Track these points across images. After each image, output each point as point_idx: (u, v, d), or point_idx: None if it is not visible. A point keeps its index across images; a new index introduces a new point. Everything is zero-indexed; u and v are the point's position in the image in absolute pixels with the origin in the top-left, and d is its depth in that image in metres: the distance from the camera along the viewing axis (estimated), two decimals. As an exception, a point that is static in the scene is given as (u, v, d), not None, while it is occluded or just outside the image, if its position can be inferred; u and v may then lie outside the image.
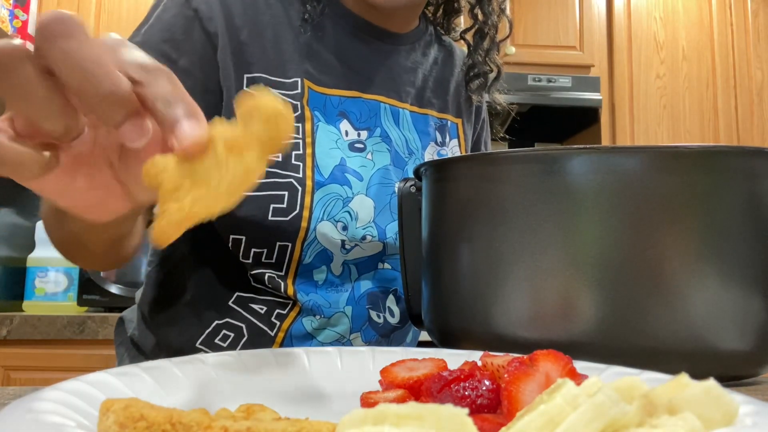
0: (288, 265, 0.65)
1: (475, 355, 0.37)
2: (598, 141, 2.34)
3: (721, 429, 0.21)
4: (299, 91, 0.66)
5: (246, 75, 0.65)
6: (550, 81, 2.29)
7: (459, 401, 0.29)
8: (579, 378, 0.28)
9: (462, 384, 0.30)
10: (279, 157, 0.64)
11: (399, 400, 0.32)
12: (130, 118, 0.29)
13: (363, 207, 0.67)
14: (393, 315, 0.72)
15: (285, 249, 0.64)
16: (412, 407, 0.19)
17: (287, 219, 0.63)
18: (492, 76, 0.83)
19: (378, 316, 0.71)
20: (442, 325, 0.53)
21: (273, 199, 0.63)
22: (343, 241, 0.66)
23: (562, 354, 0.29)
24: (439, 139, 0.78)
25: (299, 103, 0.66)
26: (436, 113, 0.79)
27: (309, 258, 0.65)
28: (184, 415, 0.22)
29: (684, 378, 0.23)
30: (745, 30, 2.41)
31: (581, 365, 0.33)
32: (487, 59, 0.82)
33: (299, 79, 0.67)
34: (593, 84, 2.32)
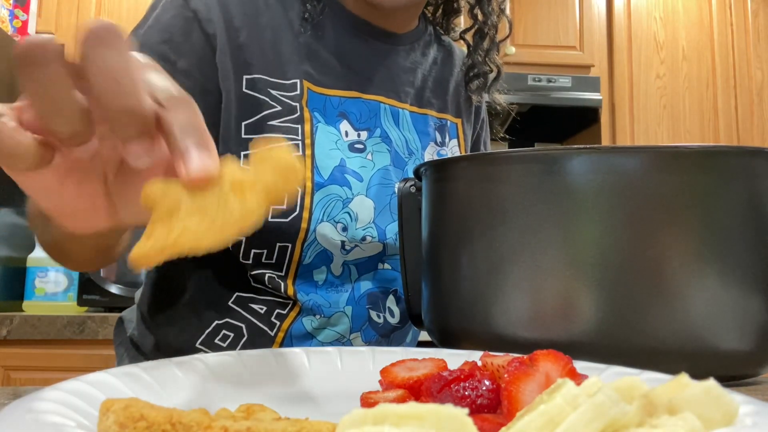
0: (288, 266, 0.65)
1: (475, 355, 0.37)
2: (598, 141, 2.34)
3: (721, 429, 0.21)
4: (298, 92, 0.66)
5: (245, 76, 0.65)
6: (550, 81, 2.29)
7: (459, 401, 0.29)
8: (579, 378, 0.28)
9: (462, 384, 0.30)
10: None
11: (399, 400, 0.32)
12: (141, 136, 0.29)
13: (363, 208, 0.67)
14: (393, 315, 0.72)
15: (285, 250, 0.64)
16: (412, 407, 0.19)
17: (287, 220, 0.63)
18: (492, 76, 0.83)
19: (378, 316, 0.71)
20: (442, 325, 0.53)
21: None
22: (343, 242, 0.66)
23: (562, 354, 0.29)
24: (439, 139, 0.78)
25: (298, 104, 0.66)
26: (435, 113, 0.79)
27: (309, 258, 0.65)
28: (184, 415, 0.22)
29: (684, 378, 0.23)
30: (745, 30, 2.42)
31: (581, 365, 0.33)
32: (487, 59, 0.82)
33: (298, 80, 0.67)
34: (593, 84, 2.33)
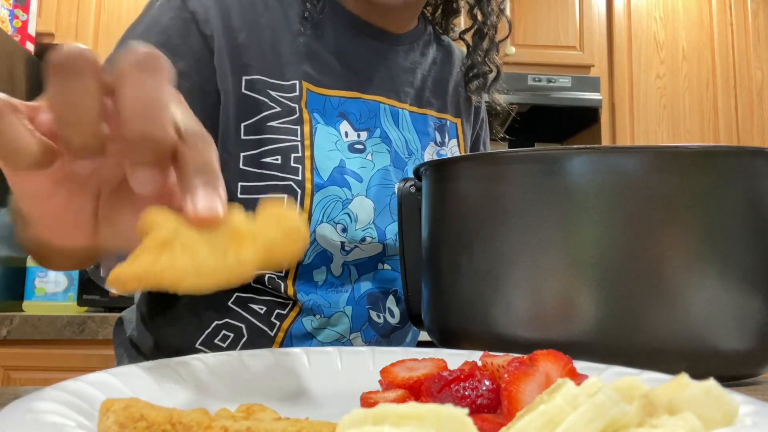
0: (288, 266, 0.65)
1: (475, 355, 0.37)
2: (598, 141, 2.34)
3: (721, 429, 0.21)
4: (297, 94, 0.66)
5: (244, 77, 0.65)
6: (550, 81, 2.29)
7: (459, 401, 0.29)
8: (579, 378, 0.28)
9: (462, 384, 0.30)
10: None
11: (399, 400, 0.31)
12: (153, 165, 0.29)
13: (362, 208, 0.67)
14: (393, 315, 0.72)
15: (285, 249, 0.64)
16: (412, 407, 0.19)
17: None
18: (491, 76, 0.83)
19: (378, 316, 0.71)
20: (442, 325, 0.53)
21: None
22: (343, 243, 0.66)
23: (562, 354, 0.29)
24: (439, 139, 0.78)
25: (297, 106, 0.66)
26: (435, 113, 0.79)
27: (309, 259, 0.65)
28: (184, 415, 0.22)
29: (684, 378, 0.23)
30: (745, 30, 2.42)
31: (581, 365, 0.33)
32: (487, 59, 0.82)
33: (297, 82, 0.67)
34: (593, 84, 2.33)
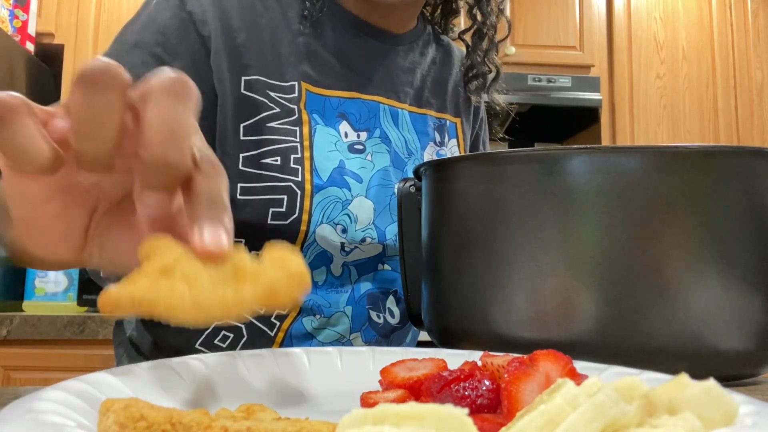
0: (288, 266, 0.65)
1: (475, 355, 0.37)
2: (598, 141, 2.34)
3: (721, 429, 0.21)
4: (296, 95, 0.66)
5: (244, 78, 0.65)
6: (550, 81, 2.29)
7: (459, 401, 0.29)
8: (579, 378, 0.28)
9: (462, 384, 0.30)
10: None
11: (399, 400, 0.31)
12: (164, 190, 0.29)
13: (362, 209, 0.67)
14: (393, 315, 0.72)
15: (285, 250, 0.64)
16: (412, 407, 0.19)
17: (286, 223, 0.63)
18: (491, 76, 0.83)
19: (378, 316, 0.71)
20: (441, 325, 0.53)
21: (272, 203, 0.63)
22: (343, 244, 0.66)
23: (562, 354, 0.29)
24: (438, 139, 0.78)
25: (296, 107, 0.66)
26: (434, 113, 0.79)
27: (308, 259, 0.65)
28: (184, 415, 0.22)
29: (684, 378, 0.23)
30: (745, 30, 2.42)
31: (581, 365, 0.33)
32: (486, 60, 0.82)
33: (296, 83, 0.67)
34: (593, 84, 2.33)
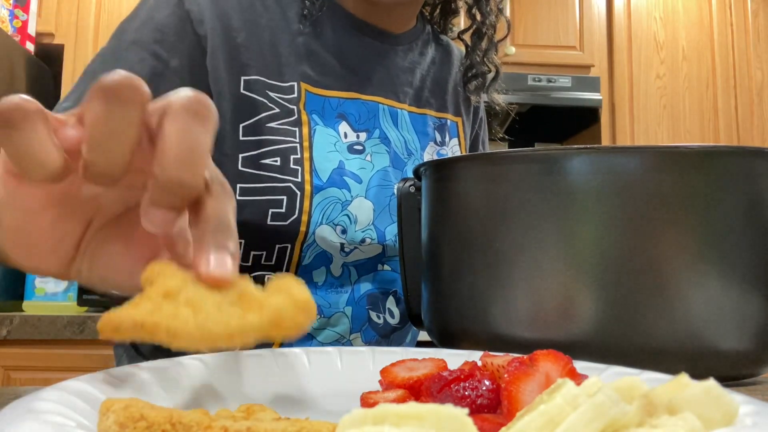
0: (287, 267, 0.65)
1: (475, 355, 0.36)
2: (598, 141, 2.34)
3: (721, 429, 0.21)
4: (295, 95, 0.66)
5: (243, 77, 0.65)
6: (550, 81, 2.29)
7: (459, 401, 0.29)
8: (579, 378, 0.28)
9: (462, 384, 0.30)
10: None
11: (399, 400, 0.31)
12: (173, 209, 0.28)
13: (362, 210, 0.67)
14: (393, 316, 0.72)
15: (284, 250, 0.64)
16: (412, 407, 0.19)
17: (286, 223, 0.63)
18: (490, 76, 0.83)
19: (378, 316, 0.71)
20: (441, 325, 0.53)
21: (272, 204, 0.63)
22: (342, 244, 0.66)
23: (562, 354, 0.29)
24: (439, 139, 0.78)
25: (296, 107, 0.66)
26: (434, 113, 0.79)
27: (308, 259, 0.65)
28: (184, 415, 0.22)
29: (684, 378, 0.23)
30: (745, 30, 2.42)
31: (581, 365, 0.33)
32: (485, 59, 0.82)
33: (296, 83, 0.67)
34: (593, 84, 2.33)
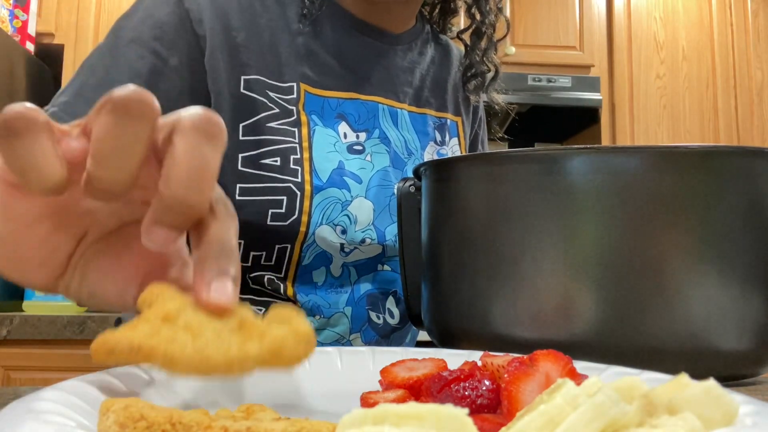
0: (287, 267, 0.65)
1: (475, 355, 0.37)
2: (598, 141, 2.34)
3: (721, 429, 0.21)
4: (295, 96, 0.66)
5: (243, 77, 0.65)
6: (550, 81, 2.29)
7: (459, 401, 0.29)
8: (579, 378, 0.28)
9: (462, 384, 0.30)
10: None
11: (399, 400, 0.31)
12: (176, 229, 0.27)
13: (362, 210, 0.67)
14: (393, 316, 0.72)
15: (284, 250, 0.64)
16: (412, 407, 0.19)
17: (286, 224, 0.63)
18: (489, 76, 0.83)
19: (378, 317, 0.71)
20: (441, 325, 0.53)
21: (272, 204, 0.63)
22: (342, 245, 0.66)
23: (562, 354, 0.29)
24: (439, 139, 0.78)
25: (295, 108, 0.66)
26: (434, 112, 0.79)
27: (308, 259, 0.65)
28: (184, 415, 0.22)
29: (684, 378, 0.23)
30: (745, 30, 2.42)
31: (581, 365, 0.33)
32: (485, 59, 0.82)
33: (295, 84, 0.67)
34: (593, 84, 2.33)
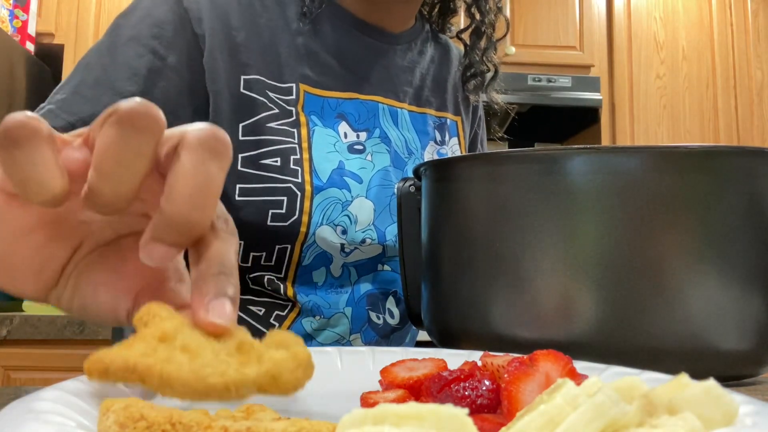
0: (287, 267, 0.65)
1: (475, 355, 0.37)
2: (598, 141, 2.34)
3: (721, 429, 0.21)
4: (294, 97, 0.66)
5: (243, 77, 0.65)
6: (550, 81, 2.29)
7: (459, 401, 0.29)
8: (579, 378, 0.28)
9: (462, 384, 0.30)
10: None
11: (399, 400, 0.31)
12: (175, 246, 0.27)
13: (362, 210, 0.67)
14: (393, 316, 0.72)
15: (284, 251, 0.64)
16: (412, 407, 0.19)
17: (286, 224, 0.63)
18: (489, 75, 0.83)
19: (378, 317, 0.71)
20: (441, 325, 0.53)
21: (272, 205, 0.63)
22: (343, 245, 0.66)
23: (562, 354, 0.29)
24: (439, 138, 0.78)
25: (294, 109, 0.66)
26: (434, 112, 0.79)
27: (308, 260, 0.65)
28: (184, 415, 0.22)
29: (684, 378, 0.23)
30: (745, 30, 2.42)
31: (581, 365, 0.33)
32: (485, 58, 0.82)
33: (294, 84, 0.67)
34: (593, 84, 2.33)
